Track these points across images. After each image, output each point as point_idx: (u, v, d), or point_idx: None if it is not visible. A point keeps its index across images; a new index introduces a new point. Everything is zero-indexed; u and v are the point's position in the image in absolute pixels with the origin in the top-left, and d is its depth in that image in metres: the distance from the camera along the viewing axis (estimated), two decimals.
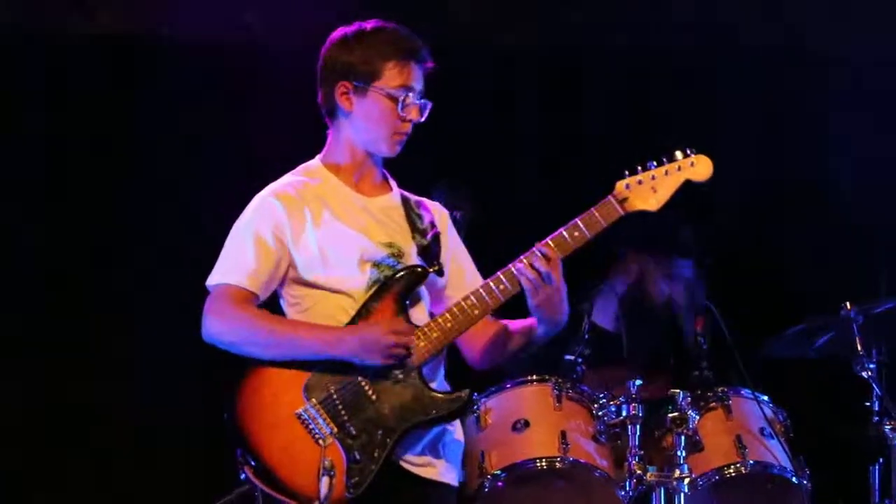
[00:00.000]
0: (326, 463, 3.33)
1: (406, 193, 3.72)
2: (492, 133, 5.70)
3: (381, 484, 3.43)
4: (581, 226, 3.51)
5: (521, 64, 5.81)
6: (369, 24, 3.60)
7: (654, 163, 3.62)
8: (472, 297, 3.50)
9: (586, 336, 4.71)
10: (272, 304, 3.55)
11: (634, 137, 5.44)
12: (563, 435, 4.28)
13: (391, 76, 3.52)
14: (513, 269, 3.48)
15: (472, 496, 4.19)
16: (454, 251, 3.71)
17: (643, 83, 5.91)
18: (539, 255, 3.49)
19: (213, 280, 3.49)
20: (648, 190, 3.61)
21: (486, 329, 3.65)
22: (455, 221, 4.11)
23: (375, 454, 3.42)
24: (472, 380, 3.76)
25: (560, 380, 4.44)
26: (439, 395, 3.49)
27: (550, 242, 3.51)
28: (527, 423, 4.32)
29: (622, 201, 3.55)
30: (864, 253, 5.55)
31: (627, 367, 4.76)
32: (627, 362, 4.87)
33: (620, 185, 3.56)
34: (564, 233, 3.51)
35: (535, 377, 4.41)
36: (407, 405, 3.45)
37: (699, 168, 3.60)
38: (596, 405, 4.40)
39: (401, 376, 3.46)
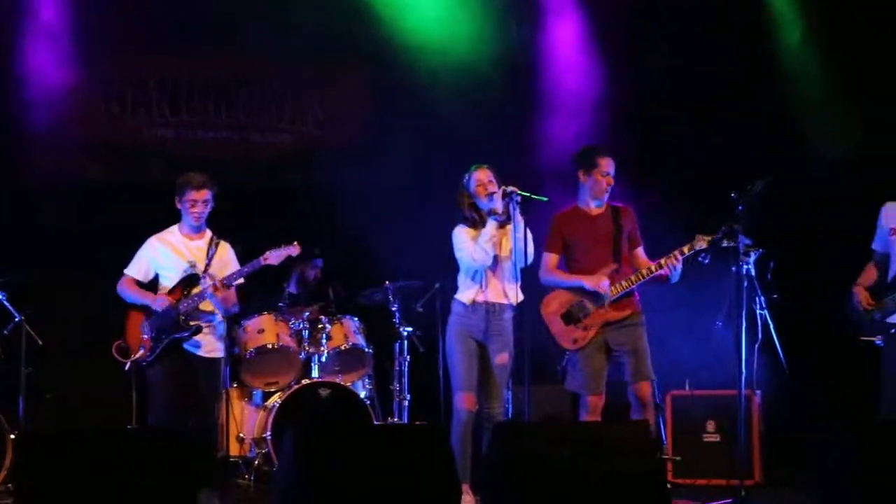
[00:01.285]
0: (144, 344, 6.27)
1: (214, 238, 6.31)
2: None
3: (176, 357, 6.22)
4: (249, 266, 6.30)
5: None
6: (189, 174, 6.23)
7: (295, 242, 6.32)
8: (212, 282, 6.20)
9: (286, 295, 8.12)
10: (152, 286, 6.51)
11: None
12: (278, 335, 7.49)
13: (189, 195, 6.31)
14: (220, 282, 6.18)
15: (241, 360, 7.27)
16: (224, 263, 6.37)
17: None
18: (217, 281, 6.19)
19: (126, 270, 6.44)
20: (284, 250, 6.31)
21: (225, 297, 6.30)
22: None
23: (162, 343, 6.25)
24: (237, 315, 6.93)
25: (276, 312, 7.74)
26: (188, 324, 6.24)
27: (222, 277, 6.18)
28: (263, 330, 7.53)
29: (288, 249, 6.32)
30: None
31: (303, 306, 7.94)
32: (302, 304, 8.04)
33: (279, 247, 6.35)
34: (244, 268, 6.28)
35: (266, 311, 7.55)
36: (176, 326, 6.27)
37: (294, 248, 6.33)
38: (291, 322, 7.67)
39: (182, 318, 6.21)
